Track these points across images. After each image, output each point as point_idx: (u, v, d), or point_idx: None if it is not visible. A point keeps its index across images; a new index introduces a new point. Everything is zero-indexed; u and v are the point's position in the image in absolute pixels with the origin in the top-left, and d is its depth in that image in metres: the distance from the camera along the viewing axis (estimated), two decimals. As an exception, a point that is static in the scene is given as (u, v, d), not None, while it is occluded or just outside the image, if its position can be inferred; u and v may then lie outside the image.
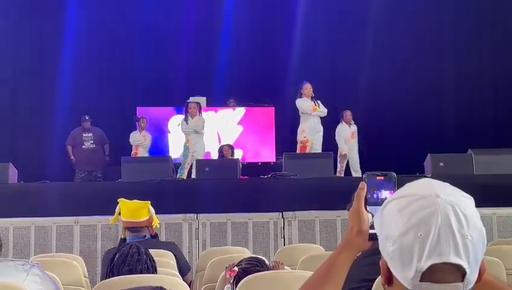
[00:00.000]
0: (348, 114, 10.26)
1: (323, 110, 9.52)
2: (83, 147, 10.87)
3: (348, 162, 10.07)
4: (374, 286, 1.74)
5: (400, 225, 1.16)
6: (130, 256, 3.17)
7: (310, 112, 9.46)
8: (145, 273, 3.14)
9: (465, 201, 1.18)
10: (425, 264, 1.12)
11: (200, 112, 9.89)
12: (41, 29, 12.44)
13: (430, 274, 1.13)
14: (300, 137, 9.52)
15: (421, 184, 1.22)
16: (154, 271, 3.23)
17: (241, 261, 3.37)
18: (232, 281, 3.20)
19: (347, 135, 10.19)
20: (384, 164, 10.17)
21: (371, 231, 1.38)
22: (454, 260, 1.12)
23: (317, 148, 9.46)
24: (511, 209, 6.79)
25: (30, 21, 12.40)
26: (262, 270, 3.22)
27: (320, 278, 1.42)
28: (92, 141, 10.93)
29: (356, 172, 9.86)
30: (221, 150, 10.52)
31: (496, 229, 6.68)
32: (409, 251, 1.14)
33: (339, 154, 10.02)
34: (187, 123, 9.73)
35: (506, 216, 6.73)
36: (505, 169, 7.74)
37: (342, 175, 9.81)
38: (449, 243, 1.12)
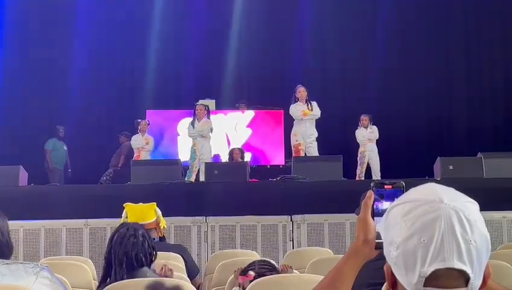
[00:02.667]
0: (363, 118, 10.18)
1: (315, 113, 9.45)
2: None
3: (368, 165, 10.01)
4: (381, 290, 1.74)
5: (403, 230, 1.16)
6: (126, 238, 3.18)
7: (301, 117, 9.45)
8: (141, 257, 3.14)
9: (469, 206, 1.17)
10: (428, 270, 1.12)
11: (208, 115, 9.86)
12: (51, 33, 12.50)
13: (434, 279, 1.12)
14: (292, 141, 9.54)
15: (425, 189, 1.21)
16: (150, 258, 3.22)
17: (252, 265, 3.33)
18: (246, 286, 3.16)
19: (366, 137, 10.14)
20: (393, 167, 10.24)
21: (378, 240, 1.38)
22: (457, 265, 1.11)
23: (312, 151, 9.41)
24: (521, 212, 6.76)
25: (40, 25, 12.47)
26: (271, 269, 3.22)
27: (327, 286, 1.43)
28: (115, 155, 11.65)
29: (376, 175, 9.78)
30: (231, 153, 10.53)
31: (506, 232, 6.64)
32: (412, 256, 1.13)
33: (359, 157, 9.99)
34: (193, 127, 9.73)
35: (516, 220, 6.70)
36: (515, 173, 7.71)
37: (362, 178, 9.68)
38: (452, 248, 1.11)
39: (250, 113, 12.06)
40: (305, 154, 9.44)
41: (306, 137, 9.43)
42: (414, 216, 1.16)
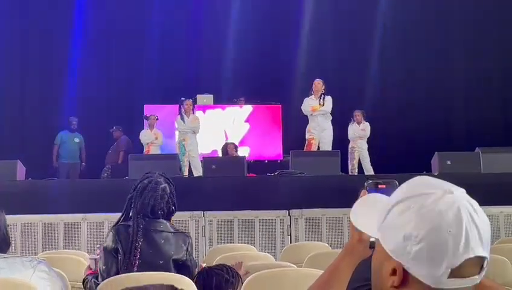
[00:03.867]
0: (356, 114, 10.23)
1: (324, 108, 9.49)
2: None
3: (360, 161, 10.07)
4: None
5: (424, 224, 1.15)
6: (147, 191, 3.27)
7: (309, 112, 9.50)
8: (157, 210, 3.24)
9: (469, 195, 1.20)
10: (459, 260, 1.13)
11: (193, 110, 9.98)
12: (49, 28, 12.48)
13: (457, 270, 1.14)
14: (307, 135, 9.62)
15: (424, 182, 1.22)
16: (169, 213, 3.34)
17: (223, 265, 3.14)
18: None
19: (356, 134, 10.19)
20: (391, 162, 10.22)
21: (371, 239, 1.38)
22: (481, 253, 1.14)
23: (324, 146, 9.46)
24: (518, 207, 6.77)
25: (38, 21, 12.45)
26: (226, 279, 3.00)
27: (324, 283, 1.46)
28: (110, 150, 11.63)
29: (367, 171, 9.85)
30: (225, 148, 10.53)
31: (503, 227, 6.65)
32: (441, 248, 1.14)
33: (349, 152, 10.04)
34: (184, 122, 9.79)
35: (513, 215, 6.71)
36: (513, 168, 7.71)
37: (355, 173, 9.78)
38: (475, 236, 1.13)
39: (248, 108, 12.05)
40: (318, 148, 9.49)
41: (320, 131, 9.48)
42: (431, 209, 1.16)
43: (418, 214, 1.17)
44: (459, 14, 12.86)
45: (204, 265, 3.28)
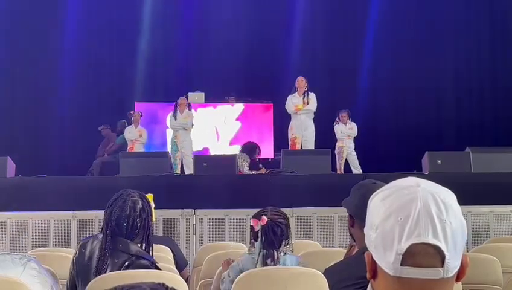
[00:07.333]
0: (341, 115, 10.13)
1: (309, 107, 9.44)
2: None
3: (346, 160, 10.06)
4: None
5: (381, 212, 1.20)
6: (117, 201, 3.11)
7: (293, 111, 9.47)
8: (122, 222, 3.01)
9: (446, 192, 1.21)
10: (404, 246, 1.15)
11: (189, 108, 9.97)
12: (40, 22, 12.42)
13: (410, 257, 1.15)
14: (289, 134, 9.60)
15: (404, 179, 1.26)
16: (132, 227, 3.04)
17: (265, 210, 3.41)
18: (258, 229, 3.31)
19: (344, 133, 10.17)
20: (382, 161, 10.23)
21: None
22: (432, 241, 1.14)
23: (308, 145, 9.46)
24: (508, 207, 6.80)
25: (28, 18, 12.39)
26: (285, 224, 3.36)
27: None
28: (101, 145, 11.66)
29: (355, 168, 9.87)
30: (254, 149, 10.17)
31: (493, 227, 6.68)
32: (390, 234, 1.17)
33: (336, 151, 10.01)
34: (175, 119, 9.79)
35: (503, 214, 6.74)
36: (503, 167, 7.74)
37: (342, 172, 9.80)
38: (428, 225, 1.15)
39: (239, 106, 12.06)
40: (301, 147, 9.47)
41: (302, 130, 9.45)
42: (392, 199, 1.20)
43: (381, 203, 1.22)
44: (450, 14, 12.91)
45: (266, 219, 3.32)
